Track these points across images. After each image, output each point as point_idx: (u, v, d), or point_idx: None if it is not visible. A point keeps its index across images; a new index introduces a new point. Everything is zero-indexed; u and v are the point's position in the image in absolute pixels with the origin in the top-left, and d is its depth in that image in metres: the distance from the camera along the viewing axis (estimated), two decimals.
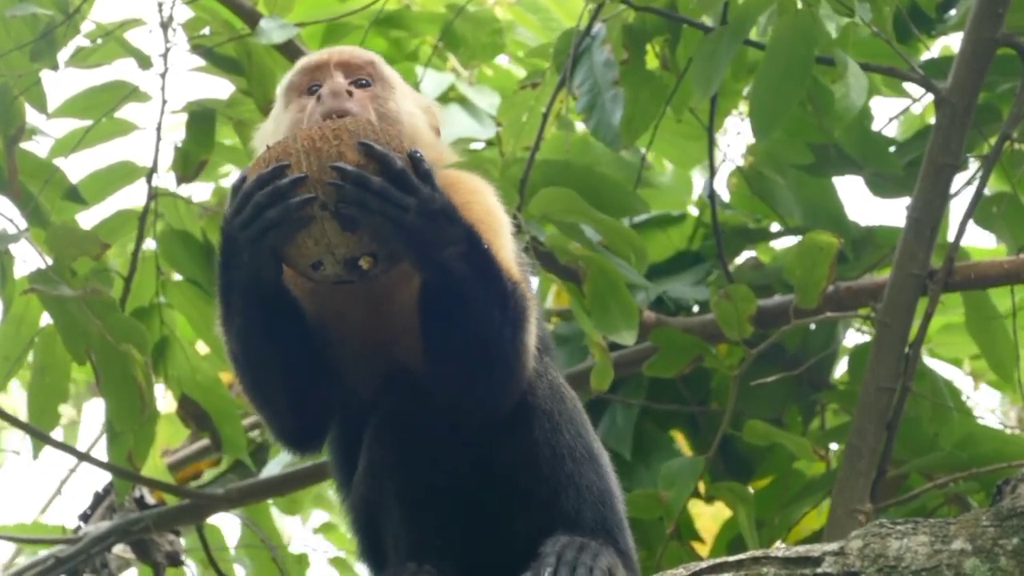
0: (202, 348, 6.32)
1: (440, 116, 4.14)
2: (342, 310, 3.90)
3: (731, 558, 3.67)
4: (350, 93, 3.88)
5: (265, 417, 3.97)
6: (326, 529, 8.28)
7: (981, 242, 6.98)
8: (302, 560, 7.48)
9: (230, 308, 3.79)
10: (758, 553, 3.67)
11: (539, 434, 3.87)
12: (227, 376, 6.62)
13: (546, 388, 3.91)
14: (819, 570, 3.58)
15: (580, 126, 6.47)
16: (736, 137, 6.74)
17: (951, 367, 7.24)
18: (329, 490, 7.85)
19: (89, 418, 8.19)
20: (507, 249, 3.92)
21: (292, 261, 3.69)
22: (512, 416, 3.86)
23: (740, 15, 5.58)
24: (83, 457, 6.30)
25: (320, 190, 3.59)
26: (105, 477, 6.61)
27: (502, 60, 7.60)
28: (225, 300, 3.80)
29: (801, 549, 3.65)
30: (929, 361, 6.58)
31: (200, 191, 7.14)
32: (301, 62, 4.02)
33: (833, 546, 3.63)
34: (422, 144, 3.90)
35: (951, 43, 6.94)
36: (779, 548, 3.70)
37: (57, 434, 7.24)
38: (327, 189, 3.59)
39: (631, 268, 5.88)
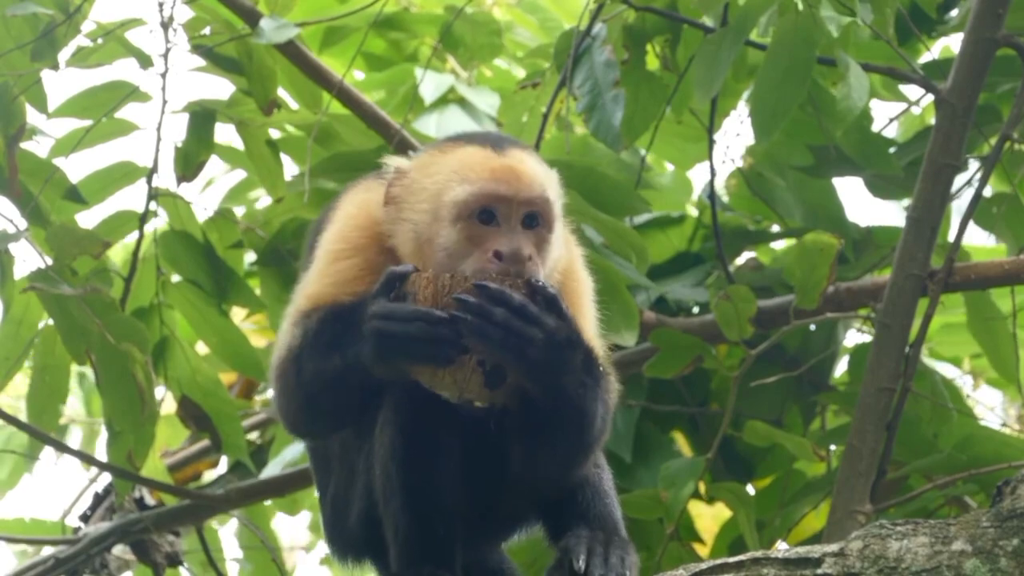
0: (202, 349, 6.32)
1: (559, 186, 4.04)
2: None
3: (731, 559, 3.68)
4: (530, 257, 3.78)
5: (292, 411, 3.91)
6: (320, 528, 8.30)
7: (981, 240, 6.98)
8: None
9: (325, 355, 3.77)
10: (758, 554, 3.67)
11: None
12: (227, 377, 6.63)
13: None
14: (819, 571, 3.59)
15: (580, 126, 6.47)
16: (736, 138, 6.74)
17: (951, 366, 7.24)
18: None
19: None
20: (593, 320, 3.97)
21: (416, 370, 3.69)
22: None
23: (741, 16, 5.58)
24: (83, 457, 6.30)
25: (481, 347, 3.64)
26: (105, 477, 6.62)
27: (501, 61, 7.61)
28: (322, 345, 3.78)
29: (801, 550, 3.65)
30: (929, 360, 6.58)
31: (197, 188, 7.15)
32: (482, 189, 3.83)
33: (833, 547, 3.64)
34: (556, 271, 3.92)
35: (951, 44, 6.94)
36: (779, 549, 3.70)
37: (75, 436, 7.24)
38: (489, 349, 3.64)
39: (633, 268, 5.87)
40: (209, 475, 7.33)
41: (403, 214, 3.86)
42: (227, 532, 7.47)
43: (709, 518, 6.46)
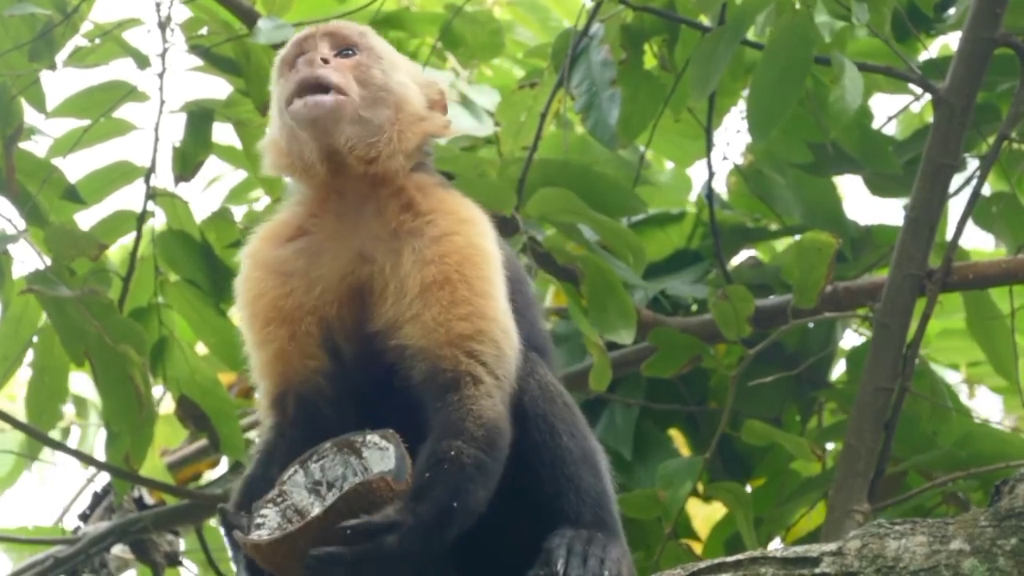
0: (200, 349, 6.32)
1: (447, 92, 4.10)
2: None
3: (729, 558, 3.67)
4: (325, 61, 3.89)
5: None
6: None
7: (980, 243, 6.98)
8: None
9: None
10: (756, 553, 3.67)
11: (537, 437, 3.85)
12: (225, 377, 6.63)
13: (536, 390, 3.88)
14: (817, 570, 3.59)
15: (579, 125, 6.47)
16: (735, 136, 6.74)
17: (949, 372, 7.23)
18: None
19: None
20: (491, 294, 3.86)
21: None
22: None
23: (738, 15, 5.58)
24: (81, 458, 6.30)
25: None
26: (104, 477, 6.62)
27: (501, 59, 7.60)
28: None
29: (799, 549, 3.65)
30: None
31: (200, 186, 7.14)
32: (293, 40, 4.04)
33: (831, 546, 3.63)
34: (409, 115, 3.93)
35: (950, 42, 6.94)
36: (777, 548, 3.70)
37: (73, 438, 7.23)
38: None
39: (628, 269, 5.87)
40: (209, 475, 7.33)
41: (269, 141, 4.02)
42: None
43: (703, 516, 6.45)
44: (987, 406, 7.78)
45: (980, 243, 6.94)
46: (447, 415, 3.73)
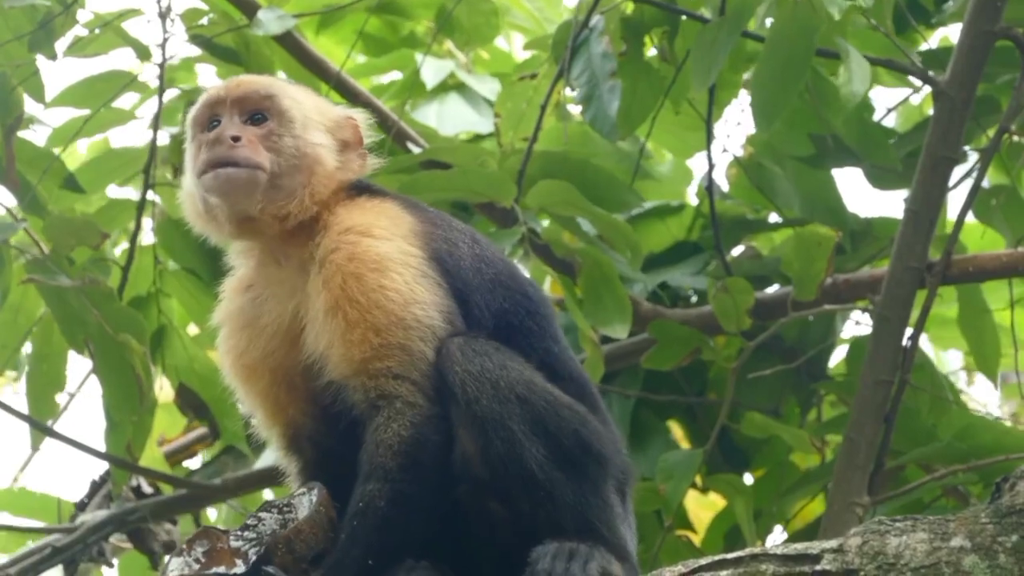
0: (192, 329, 6.32)
1: (364, 123, 4.05)
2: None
3: (730, 555, 3.66)
4: (236, 138, 3.85)
5: None
6: None
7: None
8: None
9: None
10: (757, 550, 3.66)
11: (500, 448, 3.70)
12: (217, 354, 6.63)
13: (490, 394, 3.73)
14: (818, 567, 3.58)
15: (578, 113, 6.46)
16: (735, 128, 6.73)
17: (948, 356, 7.23)
18: None
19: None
20: (387, 299, 3.77)
21: None
22: (467, 440, 3.74)
23: (738, 6, 5.56)
24: (81, 447, 6.30)
25: None
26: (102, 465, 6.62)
27: (501, 41, 7.60)
28: None
29: (800, 546, 3.64)
30: (927, 350, 6.57)
31: None
32: (205, 94, 3.99)
33: (832, 543, 3.63)
34: (322, 175, 3.89)
35: (950, 34, 6.93)
36: (778, 545, 3.70)
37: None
38: None
39: (624, 261, 5.87)
40: (205, 452, 7.31)
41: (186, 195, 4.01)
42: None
43: (701, 506, 6.46)
44: (985, 393, 7.80)
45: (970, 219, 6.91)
46: (364, 451, 3.72)
